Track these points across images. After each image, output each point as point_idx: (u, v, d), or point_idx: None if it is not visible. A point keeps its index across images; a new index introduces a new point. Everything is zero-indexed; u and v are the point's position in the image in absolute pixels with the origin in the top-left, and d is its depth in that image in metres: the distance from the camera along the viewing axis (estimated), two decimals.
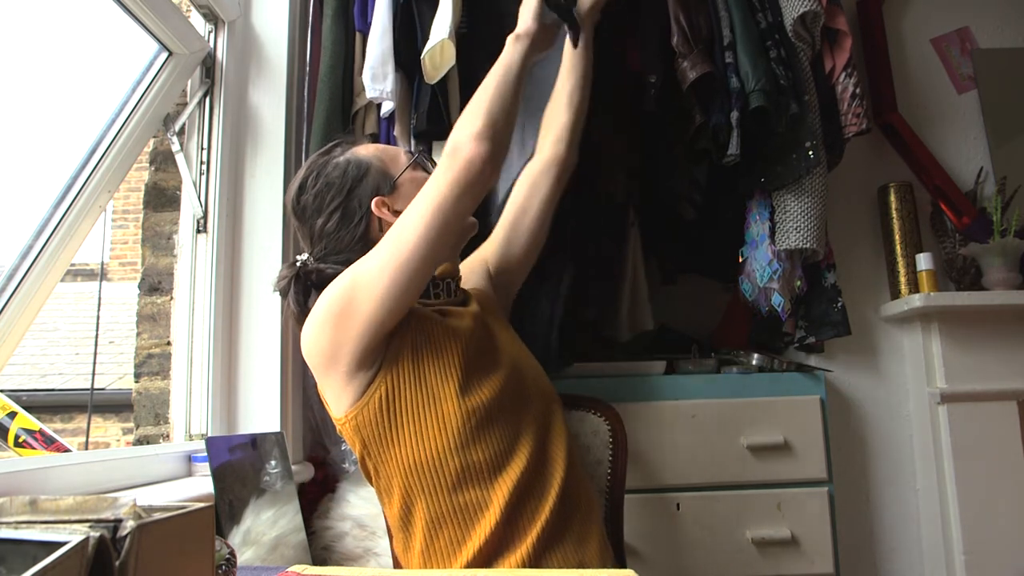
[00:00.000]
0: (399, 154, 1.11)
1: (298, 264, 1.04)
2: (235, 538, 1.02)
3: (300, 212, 1.06)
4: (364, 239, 1.03)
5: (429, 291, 1.06)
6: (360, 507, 1.34)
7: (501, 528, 0.93)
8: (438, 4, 1.33)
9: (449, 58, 1.30)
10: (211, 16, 1.49)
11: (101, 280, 5.17)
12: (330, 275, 0.99)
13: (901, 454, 1.86)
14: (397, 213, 1.02)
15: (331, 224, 1.03)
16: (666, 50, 1.45)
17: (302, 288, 1.03)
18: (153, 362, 1.46)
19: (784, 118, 1.46)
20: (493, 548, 0.93)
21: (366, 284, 0.93)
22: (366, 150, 1.09)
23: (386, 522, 1.07)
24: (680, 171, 1.69)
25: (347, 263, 0.99)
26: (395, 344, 0.96)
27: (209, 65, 1.48)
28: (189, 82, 1.46)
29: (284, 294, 1.04)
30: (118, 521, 0.43)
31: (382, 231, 1.02)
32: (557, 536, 0.95)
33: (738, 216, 1.65)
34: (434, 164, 1.09)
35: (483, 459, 0.94)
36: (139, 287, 1.49)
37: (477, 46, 1.44)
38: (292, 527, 1.17)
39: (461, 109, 1.39)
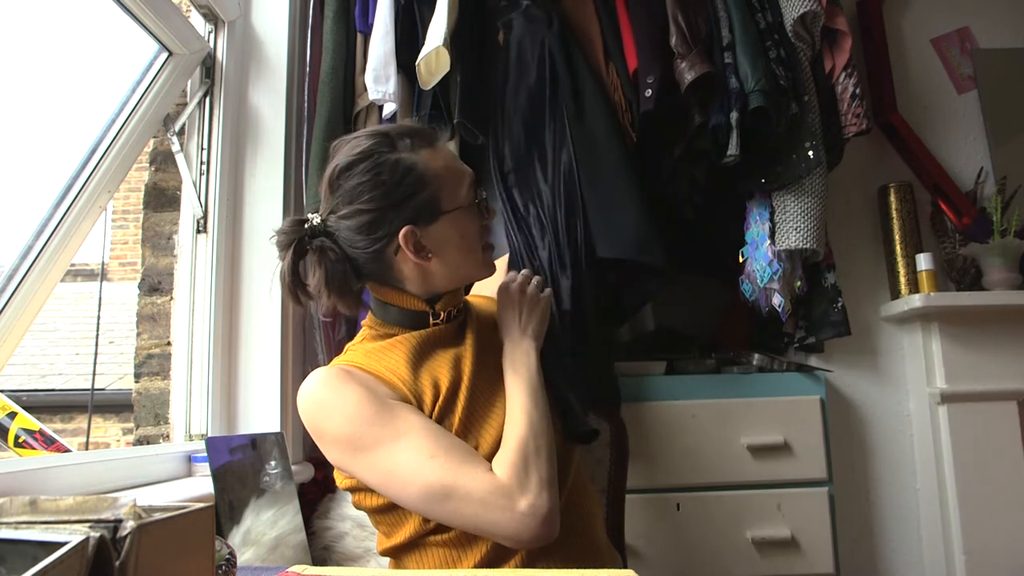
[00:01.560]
0: (464, 182, 0.99)
1: (306, 227, 0.96)
2: (235, 538, 1.02)
3: (334, 187, 0.96)
4: (378, 256, 0.96)
5: (428, 321, 1.01)
6: None
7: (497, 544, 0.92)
8: None
9: (444, 64, 1.30)
10: (211, 16, 1.49)
11: (102, 280, 5.17)
12: (331, 259, 0.94)
13: (901, 454, 1.86)
14: (421, 250, 0.95)
15: (353, 222, 0.94)
16: (664, 50, 1.45)
17: (299, 255, 0.95)
18: (153, 362, 1.46)
19: (784, 118, 1.47)
20: (493, 556, 0.92)
21: (351, 461, 0.91)
22: (436, 161, 0.97)
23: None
24: (680, 171, 1.69)
25: (348, 259, 0.96)
26: None
27: (209, 65, 1.48)
28: (189, 82, 1.46)
29: (280, 249, 0.97)
30: (118, 521, 0.43)
31: (397, 255, 0.96)
32: (556, 542, 0.95)
33: (738, 216, 1.66)
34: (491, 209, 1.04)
35: None
36: (139, 287, 1.49)
37: (474, 48, 1.44)
38: (292, 527, 1.16)
39: (460, 112, 1.40)
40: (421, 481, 0.86)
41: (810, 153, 1.50)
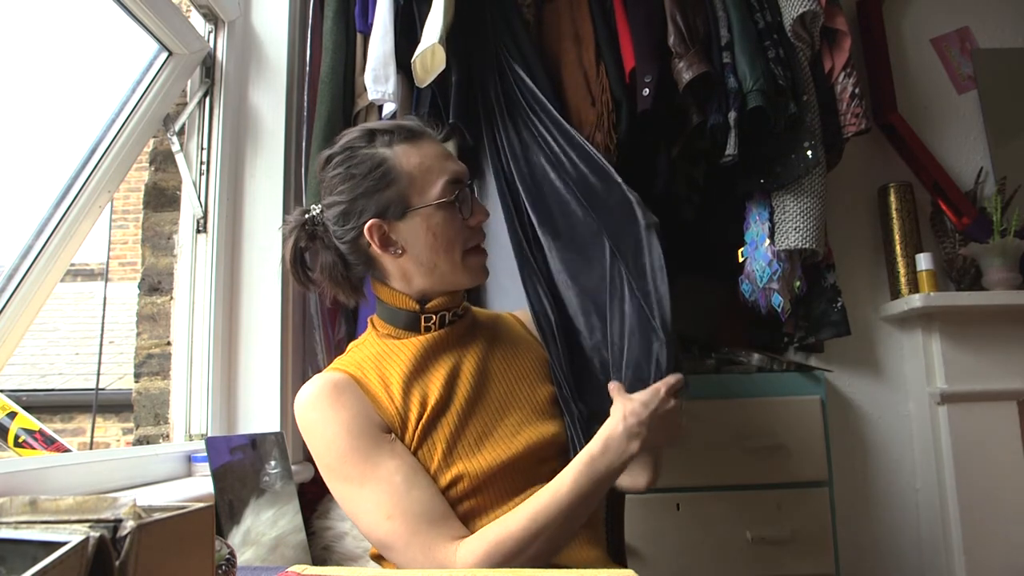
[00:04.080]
0: (439, 180, 0.97)
1: (306, 216, 1.02)
2: (235, 538, 1.02)
3: (321, 178, 1.02)
4: (355, 247, 0.99)
5: (420, 323, 1.00)
6: None
7: None
8: None
9: (440, 62, 1.29)
10: (211, 16, 1.49)
11: (106, 281, 5.17)
12: (322, 247, 1.01)
13: (901, 454, 1.86)
14: (389, 244, 0.97)
15: (331, 212, 0.99)
16: (663, 50, 1.45)
17: (298, 242, 1.01)
18: (153, 362, 1.46)
19: (782, 118, 1.47)
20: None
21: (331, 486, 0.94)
22: (410, 159, 0.97)
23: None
24: (678, 171, 1.69)
25: (334, 248, 1.01)
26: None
27: (209, 65, 1.48)
28: (189, 82, 1.46)
29: (283, 237, 1.03)
30: (118, 521, 0.43)
31: (370, 248, 0.97)
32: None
33: (737, 216, 1.66)
34: (474, 205, 1.00)
35: (467, 510, 0.93)
36: (139, 287, 1.48)
37: (470, 47, 1.44)
38: (292, 527, 1.16)
39: (455, 112, 1.40)
40: (374, 535, 0.90)
41: (809, 153, 1.50)
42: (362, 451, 0.91)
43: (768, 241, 1.55)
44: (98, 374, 4.35)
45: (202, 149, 1.45)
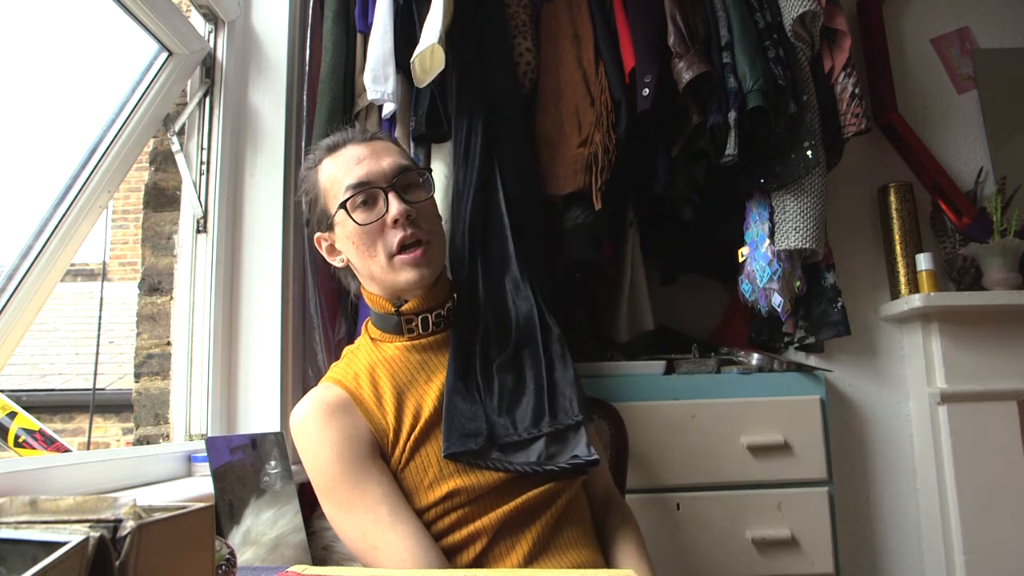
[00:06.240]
0: (342, 187, 0.99)
1: None
2: (235, 538, 1.02)
3: None
4: (331, 251, 1.07)
5: (402, 326, 1.01)
6: None
7: (480, 558, 0.93)
8: None
9: (439, 62, 1.29)
10: (211, 16, 1.49)
11: (103, 280, 5.17)
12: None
13: (901, 454, 1.86)
14: (333, 252, 1.05)
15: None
16: (663, 50, 1.45)
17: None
18: (153, 362, 1.46)
19: (782, 118, 1.47)
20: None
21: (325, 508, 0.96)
22: (324, 172, 1.03)
23: None
24: (678, 171, 1.69)
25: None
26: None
27: (209, 65, 1.48)
28: (189, 82, 1.46)
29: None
30: (118, 521, 0.43)
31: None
32: (539, 556, 0.94)
33: (737, 216, 1.65)
34: (369, 204, 0.98)
35: (458, 518, 0.93)
36: (139, 287, 1.48)
37: (468, 48, 1.44)
38: (292, 527, 1.16)
39: (458, 111, 1.40)
40: (359, 558, 0.93)
41: (809, 153, 1.50)
42: (350, 477, 0.92)
43: (768, 241, 1.55)
44: (95, 374, 4.35)
45: (202, 149, 1.44)
